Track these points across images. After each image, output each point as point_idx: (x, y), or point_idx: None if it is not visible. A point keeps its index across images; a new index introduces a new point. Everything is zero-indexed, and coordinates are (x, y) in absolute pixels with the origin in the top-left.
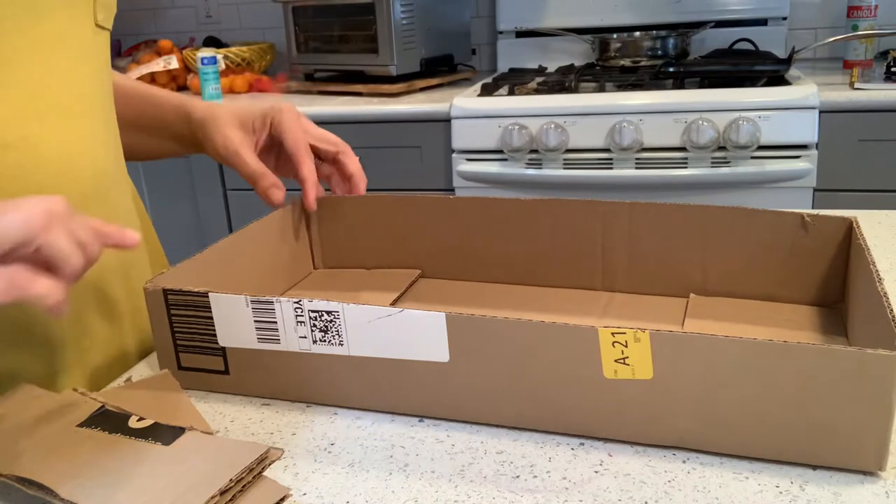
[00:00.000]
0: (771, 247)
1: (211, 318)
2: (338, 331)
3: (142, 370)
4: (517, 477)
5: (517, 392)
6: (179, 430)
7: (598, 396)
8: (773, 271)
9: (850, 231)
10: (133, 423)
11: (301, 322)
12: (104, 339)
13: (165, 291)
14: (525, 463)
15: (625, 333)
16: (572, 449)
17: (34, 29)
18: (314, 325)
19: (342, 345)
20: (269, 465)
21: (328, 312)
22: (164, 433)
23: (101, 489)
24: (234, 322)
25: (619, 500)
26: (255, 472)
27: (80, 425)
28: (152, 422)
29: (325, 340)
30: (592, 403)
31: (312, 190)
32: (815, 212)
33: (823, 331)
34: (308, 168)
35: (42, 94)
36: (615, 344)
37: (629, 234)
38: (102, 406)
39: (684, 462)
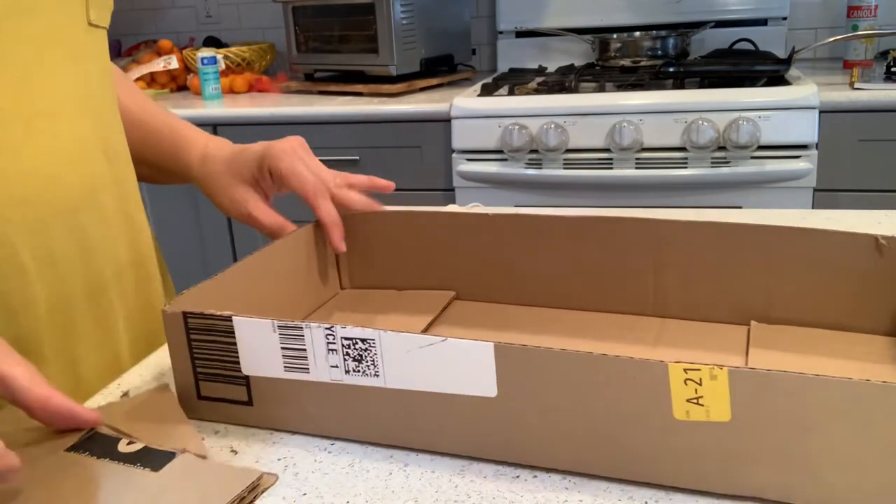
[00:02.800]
0: (842, 270)
1: (234, 343)
2: (373, 360)
3: (134, 379)
4: (517, 477)
5: (573, 433)
6: (170, 455)
7: (667, 440)
8: (843, 297)
9: None
10: (123, 447)
11: (333, 350)
12: (96, 345)
13: (185, 315)
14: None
15: (699, 370)
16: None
17: (20, 29)
18: (347, 354)
19: (378, 375)
20: (262, 492)
21: (363, 340)
22: (153, 458)
23: None
24: (259, 349)
25: (619, 500)
26: (246, 500)
27: (69, 449)
28: (142, 446)
29: (358, 371)
30: (661, 448)
31: (335, 230)
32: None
33: None
34: (325, 210)
35: (28, 97)
36: (688, 381)
37: (684, 254)
38: (93, 429)
39: None
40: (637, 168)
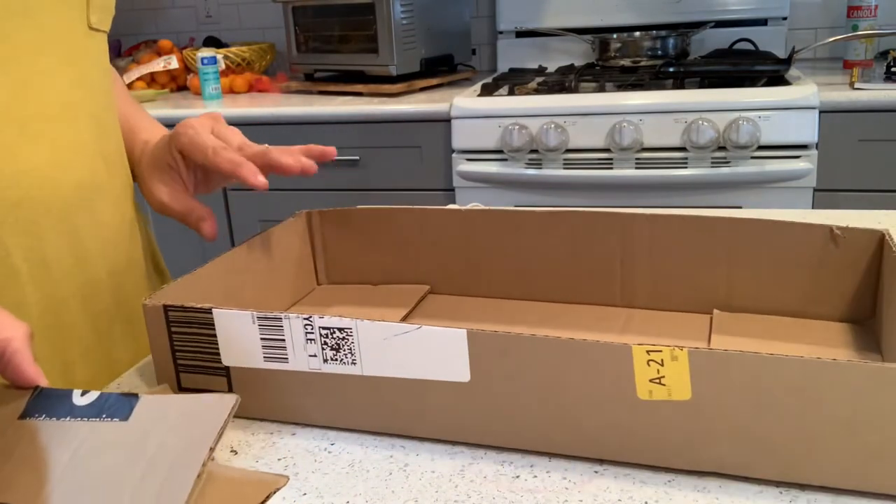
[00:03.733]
0: (799, 260)
1: (214, 335)
2: (350, 349)
3: (134, 379)
4: (517, 477)
5: (544, 415)
6: (132, 399)
7: (632, 419)
8: (801, 286)
9: (881, 243)
10: (78, 399)
11: (311, 339)
12: (91, 348)
13: (166, 308)
14: (525, 463)
15: (661, 351)
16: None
17: (18, 31)
18: (325, 343)
19: (355, 364)
20: (275, 492)
21: (340, 329)
22: (116, 406)
23: (71, 497)
24: (239, 340)
25: (619, 499)
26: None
27: (23, 416)
28: (98, 393)
29: (336, 359)
30: (626, 427)
31: (242, 169)
32: (844, 224)
33: (857, 348)
34: (225, 158)
35: (24, 99)
36: (650, 362)
37: (649, 246)
38: (37, 387)
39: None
40: (637, 168)
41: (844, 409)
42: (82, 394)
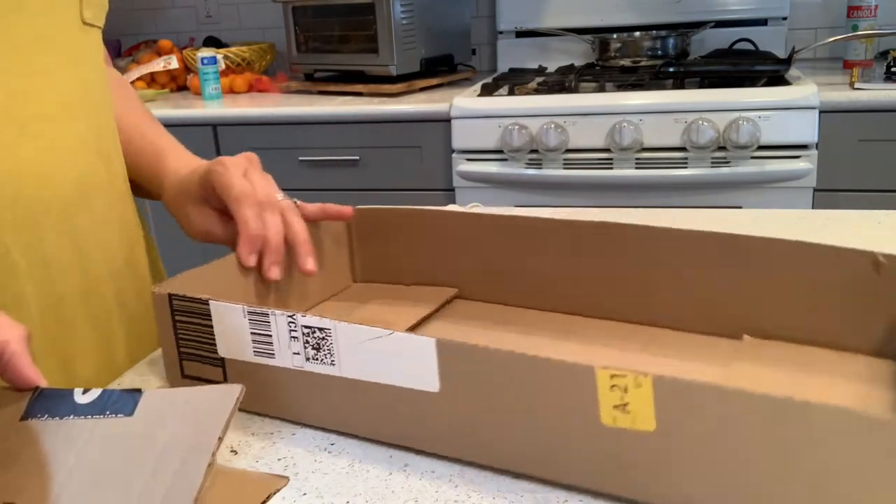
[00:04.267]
0: (837, 287)
1: (212, 326)
2: (330, 349)
3: (134, 379)
4: (518, 477)
5: (510, 432)
6: (135, 394)
7: (595, 445)
8: (839, 315)
9: None
10: (79, 397)
11: (294, 337)
12: (91, 345)
13: (171, 297)
14: None
15: (625, 377)
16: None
17: (12, 28)
18: (307, 342)
19: (334, 364)
20: (275, 492)
21: (320, 329)
22: (120, 402)
23: (81, 495)
24: (232, 332)
25: (620, 498)
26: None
27: (24, 417)
28: (100, 391)
29: (317, 359)
30: (589, 453)
31: (246, 246)
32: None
33: (890, 386)
34: (242, 217)
35: (24, 98)
36: (614, 388)
37: (682, 263)
38: (37, 388)
39: None
40: (637, 168)
41: (816, 462)
42: (84, 392)
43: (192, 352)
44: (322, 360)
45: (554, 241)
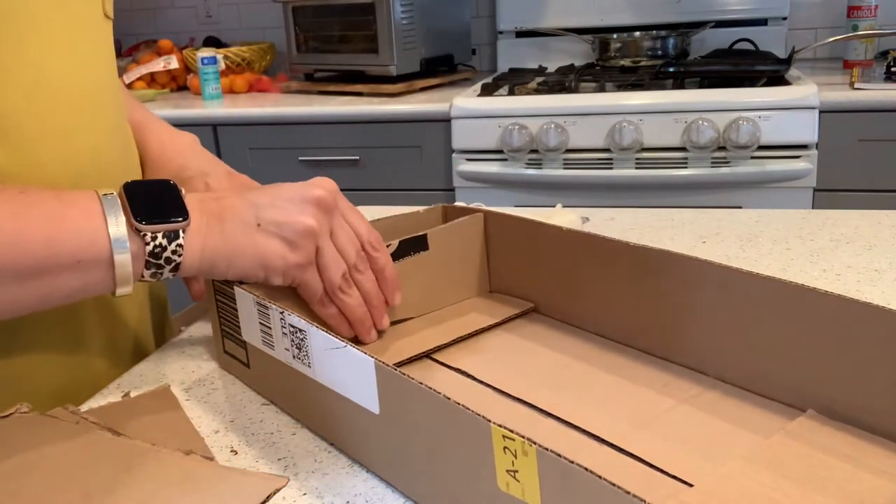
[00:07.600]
0: None
1: (237, 310)
2: (307, 351)
3: (134, 378)
4: None
5: (428, 469)
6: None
7: None
8: None
9: None
10: None
11: (285, 334)
12: (102, 345)
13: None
14: None
15: (514, 440)
16: None
17: (58, 20)
18: (293, 340)
19: (310, 367)
20: (275, 493)
21: (300, 330)
22: None
23: None
24: (250, 319)
25: None
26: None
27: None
28: None
29: (299, 358)
30: None
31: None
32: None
33: None
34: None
35: (75, 82)
36: (506, 450)
37: (761, 315)
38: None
39: None
40: (637, 168)
41: None
42: None
43: (228, 331)
44: (302, 359)
45: (639, 270)
